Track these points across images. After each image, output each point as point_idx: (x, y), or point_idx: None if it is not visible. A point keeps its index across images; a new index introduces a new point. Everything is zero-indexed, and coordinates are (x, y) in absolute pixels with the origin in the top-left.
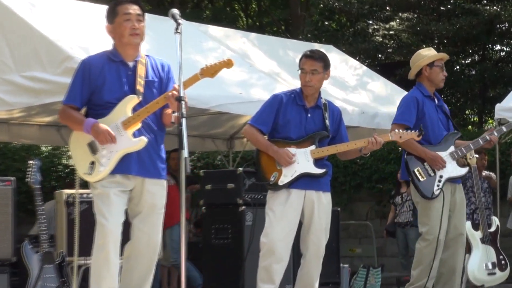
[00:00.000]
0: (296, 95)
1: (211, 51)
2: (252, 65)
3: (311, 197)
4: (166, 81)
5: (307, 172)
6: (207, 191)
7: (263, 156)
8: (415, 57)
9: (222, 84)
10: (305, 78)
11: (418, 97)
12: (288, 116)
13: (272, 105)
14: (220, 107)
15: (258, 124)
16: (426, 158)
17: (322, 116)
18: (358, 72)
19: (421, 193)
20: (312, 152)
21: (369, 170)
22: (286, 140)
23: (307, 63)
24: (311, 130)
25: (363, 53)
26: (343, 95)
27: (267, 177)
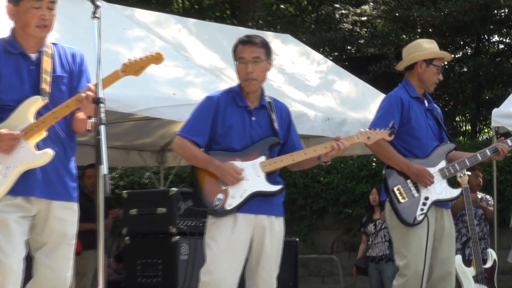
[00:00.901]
0: (235, 94)
1: (137, 41)
2: (189, 59)
3: (262, 223)
4: (78, 75)
5: (260, 191)
6: (131, 217)
7: (202, 175)
8: (412, 47)
9: (151, 83)
10: (246, 69)
11: (403, 98)
12: (228, 122)
13: (207, 110)
14: (149, 111)
15: (192, 135)
16: (409, 172)
17: (268, 118)
18: (322, 68)
19: (400, 217)
20: (262, 165)
21: (335, 190)
22: (228, 151)
23: (245, 50)
24: (257, 137)
25: (329, 44)
26: (303, 97)
27: (209, 201)
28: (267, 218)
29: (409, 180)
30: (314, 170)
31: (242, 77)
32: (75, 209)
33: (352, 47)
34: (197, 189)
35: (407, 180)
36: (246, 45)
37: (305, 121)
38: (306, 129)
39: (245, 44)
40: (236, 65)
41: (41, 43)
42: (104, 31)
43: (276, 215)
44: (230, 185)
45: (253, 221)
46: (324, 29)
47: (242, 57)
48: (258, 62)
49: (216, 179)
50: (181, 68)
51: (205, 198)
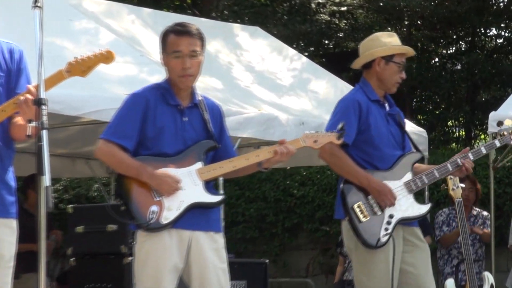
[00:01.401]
0: (165, 91)
1: (85, 34)
2: (144, 54)
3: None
4: (17, 74)
5: (198, 202)
6: (77, 235)
7: (131, 184)
8: (369, 42)
9: (100, 81)
10: (183, 63)
11: (361, 101)
12: (159, 123)
13: (135, 109)
14: (98, 114)
15: (118, 138)
16: (369, 188)
17: (201, 118)
18: (295, 66)
19: (361, 239)
20: (199, 172)
21: (311, 205)
22: (159, 157)
23: (182, 42)
24: (190, 140)
25: (303, 38)
26: (274, 98)
27: (142, 214)
28: (205, 234)
29: (370, 196)
30: (287, 182)
31: (177, 73)
32: (14, 227)
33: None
34: (127, 201)
35: (368, 196)
36: (182, 36)
37: (276, 125)
38: (277, 135)
39: (180, 35)
40: (166, 58)
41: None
42: (47, 22)
43: (215, 231)
44: (166, 196)
45: (188, 239)
46: (298, 20)
47: (178, 50)
48: (196, 56)
49: (148, 189)
50: (134, 65)
51: (137, 211)
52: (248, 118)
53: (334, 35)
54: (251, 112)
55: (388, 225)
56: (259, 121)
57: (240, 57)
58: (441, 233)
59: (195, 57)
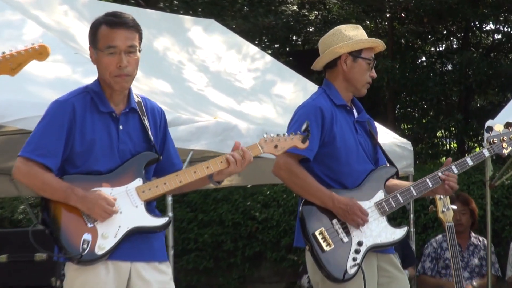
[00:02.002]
0: (95, 95)
1: (8, 27)
2: (79, 52)
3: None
4: None
5: (140, 226)
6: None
7: (59, 208)
8: (330, 37)
9: (26, 83)
10: (119, 61)
11: (324, 108)
12: (89, 135)
13: (58, 120)
14: (24, 123)
15: (39, 156)
16: (334, 209)
17: (140, 125)
18: (257, 65)
19: (325, 271)
20: (139, 191)
21: (275, 230)
22: (91, 175)
23: (117, 35)
24: (128, 153)
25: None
26: (232, 103)
27: (73, 244)
28: (147, 265)
29: (335, 220)
30: (248, 203)
31: (111, 72)
32: None
33: (299, 36)
34: (54, 229)
35: (332, 220)
36: (116, 28)
37: (234, 135)
38: None
39: (115, 27)
40: (97, 54)
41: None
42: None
43: (160, 261)
44: (100, 221)
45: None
46: (261, 12)
47: (113, 45)
48: (133, 53)
49: (79, 214)
50: (67, 64)
51: (67, 240)
52: (201, 127)
53: (303, 29)
54: (205, 120)
55: (356, 254)
56: (215, 130)
57: (192, 55)
58: (422, 270)
59: (132, 54)
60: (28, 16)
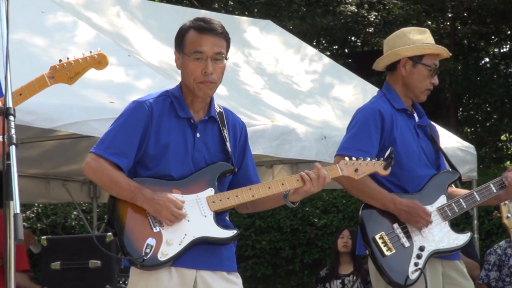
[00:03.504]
0: (175, 100)
1: (60, 29)
2: (132, 54)
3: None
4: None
5: (206, 237)
6: (53, 273)
7: (125, 209)
8: (394, 39)
9: (80, 87)
10: (205, 67)
11: (384, 111)
12: (164, 139)
13: (135, 121)
14: (77, 127)
15: (111, 155)
16: (396, 211)
17: (219, 135)
18: (315, 67)
19: (386, 277)
20: (210, 201)
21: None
22: (162, 179)
23: (205, 41)
24: (202, 161)
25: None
26: (290, 106)
27: (136, 248)
28: (214, 274)
29: (396, 224)
30: (306, 209)
31: (196, 78)
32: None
33: (358, 38)
34: (118, 230)
35: (393, 224)
36: (205, 34)
37: (292, 140)
38: (294, 151)
39: (204, 33)
40: (183, 59)
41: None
42: (15, 15)
43: (228, 271)
44: (166, 226)
45: (193, 279)
46: (319, 13)
47: (200, 51)
48: (220, 60)
49: (145, 217)
50: (120, 67)
51: (130, 244)
52: (258, 131)
53: (362, 30)
54: (262, 124)
55: (418, 259)
56: (272, 134)
57: (249, 57)
58: (486, 279)
59: (219, 61)
60: (80, 17)
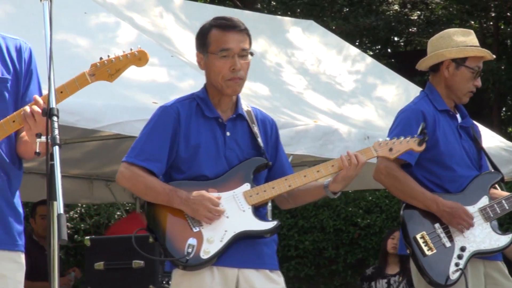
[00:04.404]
0: (201, 101)
1: (103, 30)
2: (175, 55)
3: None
4: (26, 77)
5: (247, 231)
6: (97, 273)
7: (163, 213)
8: (438, 39)
9: (123, 88)
10: (233, 64)
11: (426, 112)
12: (194, 141)
13: (163, 126)
14: (120, 127)
15: (143, 161)
16: (438, 212)
17: (249, 131)
18: (358, 67)
19: (427, 276)
20: (247, 195)
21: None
22: (197, 181)
23: (231, 38)
24: (235, 159)
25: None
26: (333, 106)
27: (178, 249)
28: (257, 273)
29: (437, 224)
30: (349, 209)
31: (224, 75)
32: (22, 262)
33: (400, 37)
34: (159, 234)
35: (434, 224)
36: (229, 31)
37: (335, 140)
38: (337, 151)
39: (228, 30)
40: (209, 58)
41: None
42: (58, 16)
43: (270, 269)
44: (206, 224)
45: (235, 277)
46: (361, 13)
47: (227, 48)
48: (245, 56)
49: (183, 218)
50: (163, 67)
51: (171, 245)
52: (301, 131)
53: (405, 30)
54: (305, 124)
55: (459, 259)
56: (315, 134)
57: (291, 58)
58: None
59: (245, 57)
60: (123, 18)
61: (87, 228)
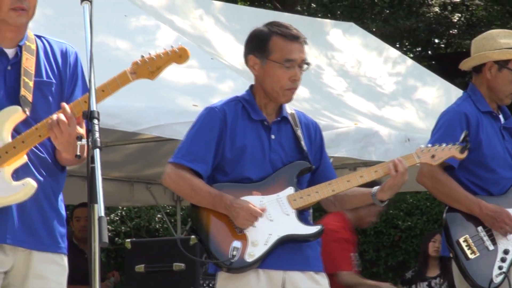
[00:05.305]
0: (246, 104)
1: (143, 32)
2: (215, 57)
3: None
4: (71, 81)
5: (291, 234)
6: (137, 276)
7: (208, 216)
8: (481, 41)
9: (163, 90)
10: (294, 75)
11: (469, 113)
12: (240, 143)
13: (209, 127)
14: (160, 130)
15: (189, 162)
16: (481, 215)
17: (293, 135)
18: (399, 69)
19: (470, 280)
20: (291, 199)
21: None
22: (241, 183)
23: (296, 49)
24: (279, 162)
25: (408, 36)
26: (373, 108)
27: (222, 251)
28: (303, 275)
29: (480, 227)
30: (390, 211)
31: (283, 85)
32: (64, 265)
33: (441, 39)
34: (203, 237)
35: (477, 228)
36: (293, 41)
37: (376, 142)
38: (378, 154)
39: (293, 40)
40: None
41: (21, 34)
42: (98, 18)
43: (316, 271)
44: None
45: (280, 280)
46: (402, 15)
47: (292, 59)
48: (303, 66)
49: (228, 222)
50: (202, 70)
51: (216, 248)
52: (341, 133)
53: (445, 32)
54: (345, 126)
55: (502, 262)
56: (355, 137)
57: (332, 60)
58: None
59: (302, 68)
60: (162, 20)
61: (127, 230)
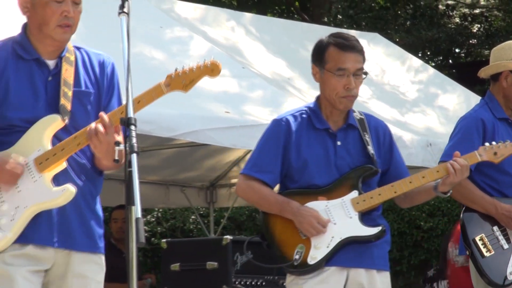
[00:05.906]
0: (312, 114)
1: (178, 43)
2: (246, 66)
3: (359, 279)
4: (108, 91)
5: (353, 236)
6: (173, 274)
7: (275, 221)
8: (499, 50)
9: (196, 98)
10: (348, 83)
11: (486, 119)
12: (305, 152)
13: (275, 138)
14: (194, 135)
15: (257, 172)
16: (497, 215)
17: (360, 140)
18: (421, 78)
19: (486, 277)
20: (355, 202)
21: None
22: (309, 189)
23: (349, 58)
24: (346, 167)
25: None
26: (396, 115)
27: (286, 254)
28: (366, 272)
29: (496, 227)
30: (413, 212)
31: (338, 93)
32: (102, 264)
33: (461, 49)
34: (270, 240)
35: (493, 227)
36: (348, 51)
37: (399, 147)
38: None
39: (346, 50)
40: (324, 74)
41: (62, 46)
42: (135, 30)
43: (378, 269)
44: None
45: (345, 277)
46: (424, 26)
47: (344, 68)
48: (360, 75)
49: (294, 226)
50: (234, 78)
51: (281, 250)
52: None
53: (465, 42)
54: None
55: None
56: None
57: None
58: None
59: (359, 76)
60: (196, 31)
61: (163, 231)
